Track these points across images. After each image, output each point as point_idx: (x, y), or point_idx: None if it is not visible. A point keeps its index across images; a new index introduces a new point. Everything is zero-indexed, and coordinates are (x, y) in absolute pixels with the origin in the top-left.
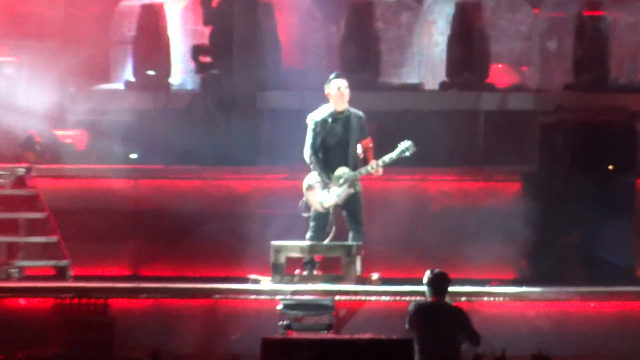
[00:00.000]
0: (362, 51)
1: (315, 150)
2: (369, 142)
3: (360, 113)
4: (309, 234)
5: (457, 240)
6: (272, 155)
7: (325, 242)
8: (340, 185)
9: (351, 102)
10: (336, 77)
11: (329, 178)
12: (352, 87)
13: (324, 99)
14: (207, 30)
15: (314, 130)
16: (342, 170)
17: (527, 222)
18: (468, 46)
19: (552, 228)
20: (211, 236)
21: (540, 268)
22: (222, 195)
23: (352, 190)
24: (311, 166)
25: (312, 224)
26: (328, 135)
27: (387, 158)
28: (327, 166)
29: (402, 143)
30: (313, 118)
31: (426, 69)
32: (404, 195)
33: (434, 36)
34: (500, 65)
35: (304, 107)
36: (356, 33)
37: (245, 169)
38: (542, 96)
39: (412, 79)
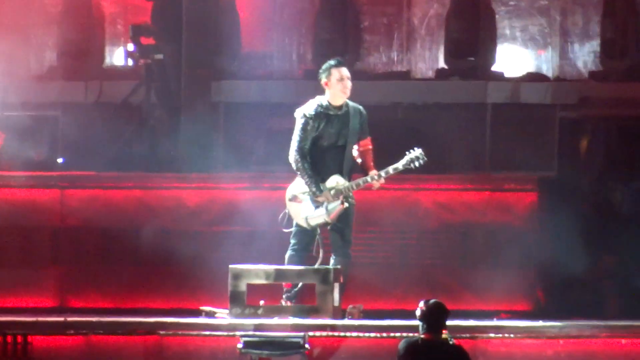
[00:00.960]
0: (341, 30)
1: (304, 153)
2: (368, 143)
3: (361, 108)
4: (288, 253)
5: (458, 263)
6: (230, 159)
7: (318, 262)
8: (333, 199)
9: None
10: (338, 64)
11: (320, 189)
12: None
13: (294, 90)
14: (149, 5)
15: (305, 128)
16: (336, 181)
17: (545, 241)
18: (472, 24)
19: (576, 249)
20: (155, 259)
21: (560, 298)
22: (168, 208)
23: (345, 205)
24: (298, 173)
25: (293, 241)
26: (321, 136)
27: (392, 168)
28: (317, 174)
29: (411, 151)
30: (305, 113)
31: (419, 52)
32: (393, 209)
33: (430, 12)
34: (511, 48)
35: (269, 99)
36: (334, 8)
37: (197, 176)
38: (563, 86)
39: (402, 65)
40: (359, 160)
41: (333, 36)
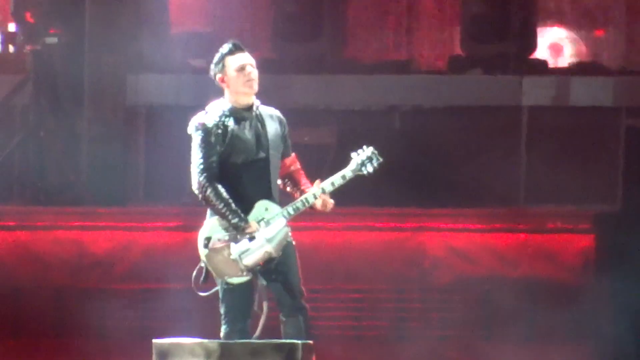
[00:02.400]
0: (313, 3)
1: (211, 176)
2: (294, 162)
3: (278, 112)
4: (223, 330)
5: (480, 336)
6: (154, 188)
7: (256, 333)
8: (275, 229)
9: (292, 91)
10: (234, 49)
11: (243, 219)
12: (295, 65)
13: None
14: None
15: (207, 141)
16: (264, 207)
17: (606, 305)
18: None
19: None
20: (45, 329)
21: None
22: (65, 257)
23: (284, 240)
24: (208, 205)
25: (223, 310)
26: (232, 149)
27: (337, 177)
28: (236, 201)
29: (359, 152)
30: (202, 122)
31: (424, 34)
32: (387, 258)
33: None
34: (557, 29)
35: (209, 101)
36: None
37: (107, 212)
38: (631, 82)
39: (400, 53)
40: (287, 189)
41: (301, 10)
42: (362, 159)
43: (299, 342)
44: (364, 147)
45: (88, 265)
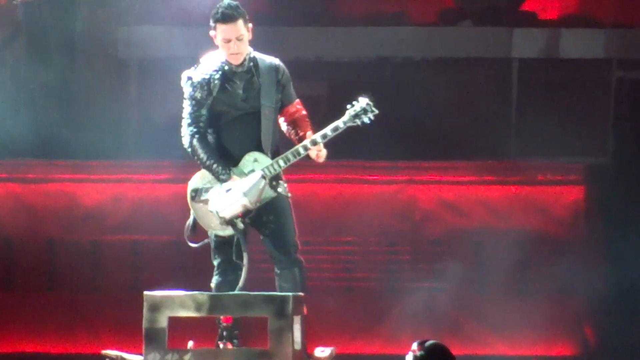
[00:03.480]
0: None
1: (199, 129)
2: (298, 109)
3: (277, 62)
4: (214, 280)
5: (471, 289)
6: (145, 141)
7: (240, 284)
8: (251, 181)
9: (284, 43)
10: (222, 18)
11: (227, 170)
12: (286, 18)
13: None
14: None
15: (194, 97)
16: (254, 158)
17: (596, 257)
18: None
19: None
20: (37, 281)
21: (618, 339)
22: (57, 209)
23: (272, 193)
24: (194, 157)
25: (215, 261)
26: (221, 102)
27: (329, 129)
28: (223, 154)
29: (354, 103)
30: (190, 77)
31: None
32: (377, 210)
33: None
34: None
35: (202, 54)
36: None
37: (99, 164)
38: (622, 34)
39: (391, 4)
40: (292, 136)
41: None
42: (357, 110)
43: (290, 294)
44: (359, 98)
45: (79, 218)
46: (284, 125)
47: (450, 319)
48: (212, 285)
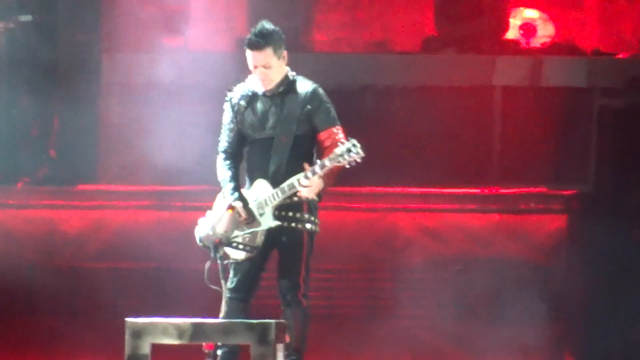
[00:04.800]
0: None
1: (224, 148)
2: (327, 137)
3: (310, 87)
4: (226, 297)
5: (451, 315)
6: (127, 167)
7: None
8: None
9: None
10: (249, 45)
11: (232, 194)
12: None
13: (222, 67)
14: None
15: (224, 117)
16: (261, 185)
17: (577, 283)
18: None
19: (622, 293)
20: (15, 308)
21: None
22: (37, 236)
23: (272, 223)
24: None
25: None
26: (246, 126)
27: (317, 167)
28: (249, 176)
29: (339, 143)
30: (226, 96)
31: (397, 15)
32: (358, 238)
33: None
34: (528, 12)
35: (183, 79)
36: None
37: (79, 190)
38: (604, 63)
39: (373, 32)
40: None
41: None
42: (342, 149)
43: (272, 321)
44: (348, 138)
45: (59, 244)
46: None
47: (432, 346)
48: (224, 302)
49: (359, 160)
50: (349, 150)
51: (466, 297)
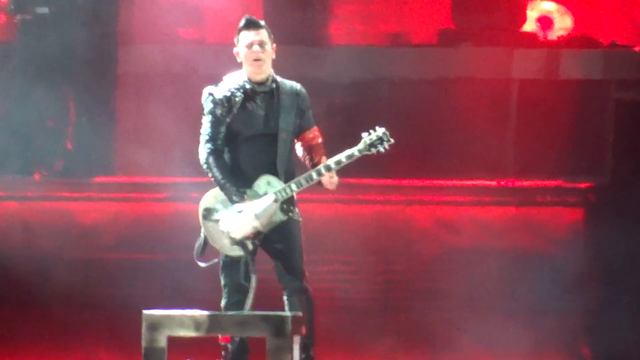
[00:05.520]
0: None
1: (217, 148)
2: (315, 136)
3: (299, 86)
4: (223, 301)
5: (466, 307)
6: (143, 158)
7: (247, 306)
8: (263, 204)
9: (281, 63)
10: (247, 24)
11: (240, 194)
12: (284, 36)
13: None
14: None
15: (214, 113)
16: (267, 181)
17: (594, 276)
18: None
19: (638, 285)
20: (32, 298)
21: (613, 357)
22: (53, 227)
23: (282, 217)
24: (209, 175)
25: (223, 281)
26: (240, 121)
27: (344, 156)
28: (237, 174)
29: (371, 132)
30: (212, 93)
31: (414, 8)
32: (375, 230)
33: None
34: (545, 4)
35: (201, 70)
36: None
37: (96, 182)
38: (621, 55)
39: (389, 24)
40: (305, 160)
41: None
42: (372, 139)
43: (288, 313)
44: (376, 127)
45: (76, 236)
46: (299, 151)
47: (447, 338)
48: (221, 306)
49: (387, 148)
50: (380, 140)
51: (481, 289)
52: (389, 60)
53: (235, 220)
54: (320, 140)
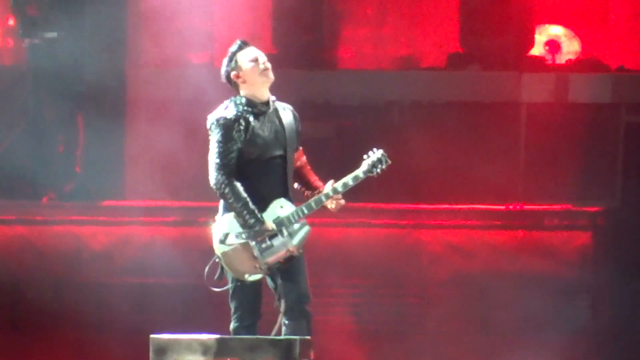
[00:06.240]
0: (312, 0)
1: (230, 172)
2: (300, 156)
3: (290, 107)
4: (232, 325)
5: (478, 331)
6: (153, 182)
7: (274, 331)
8: (298, 227)
9: (291, 86)
10: (243, 45)
11: (260, 220)
12: (294, 60)
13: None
14: None
15: (227, 137)
16: (279, 205)
17: (604, 300)
18: None
19: None
20: (43, 321)
21: None
22: (64, 251)
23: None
24: (226, 202)
25: (233, 305)
26: (251, 145)
27: (350, 178)
28: (252, 199)
29: (370, 154)
30: (224, 116)
31: (423, 32)
32: (385, 254)
33: None
34: (553, 28)
35: (221, 95)
36: None
37: (107, 206)
38: (629, 79)
39: (399, 48)
40: (295, 184)
41: (300, 5)
42: (373, 160)
43: (297, 337)
44: (374, 149)
45: (87, 259)
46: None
47: (457, 355)
48: (231, 330)
49: (384, 168)
50: (380, 161)
51: (492, 312)
52: (398, 83)
53: (269, 244)
54: (304, 159)
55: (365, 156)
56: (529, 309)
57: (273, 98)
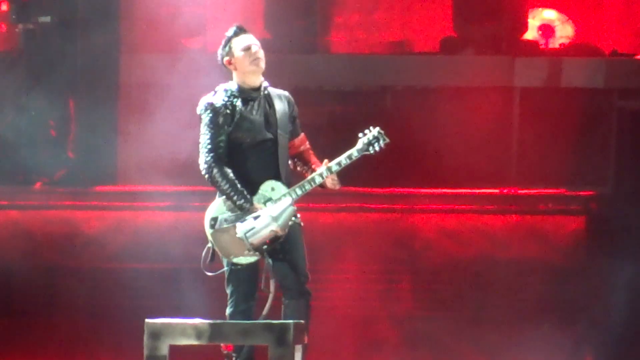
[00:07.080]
0: None
1: (219, 157)
2: (303, 142)
3: (286, 92)
4: (228, 310)
5: (470, 317)
6: (145, 167)
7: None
8: (281, 207)
9: (284, 71)
10: (239, 31)
11: (248, 200)
12: (287, 45)
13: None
14: None
15: (216, 121)
16: (270, 187)
17: (596, 285)
18: None
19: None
20: (36, 307)
21: None
22: (56, 236)
23: (292, 220)
24: (214, 185)
25: (229, 290)
26: (241, 129)
27: (344, 157)
28: (241, 181)
29: (366, 132)
30: (211, 102)
31: (416, 16)
32: (376, 238)
33: None
34: (547, 13)
35: (202, 81)
36: None
37: (99, 191)
38: (623, 64)
39: (392, 33)
40: (296, 166)
41: None
42: (369, 138)
43: (291, 322)
44: (371, 127)
45: (79, 245)
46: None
47: (450, 348)
48: (227, 315)
49: (383, 146)
50: (376, 139)
51: (486, 298)
52: (391, 68)
53: (252, 225)
54: (308, 146)
55: (360, 134)
56: (522, 296)
57: (266, 84)
